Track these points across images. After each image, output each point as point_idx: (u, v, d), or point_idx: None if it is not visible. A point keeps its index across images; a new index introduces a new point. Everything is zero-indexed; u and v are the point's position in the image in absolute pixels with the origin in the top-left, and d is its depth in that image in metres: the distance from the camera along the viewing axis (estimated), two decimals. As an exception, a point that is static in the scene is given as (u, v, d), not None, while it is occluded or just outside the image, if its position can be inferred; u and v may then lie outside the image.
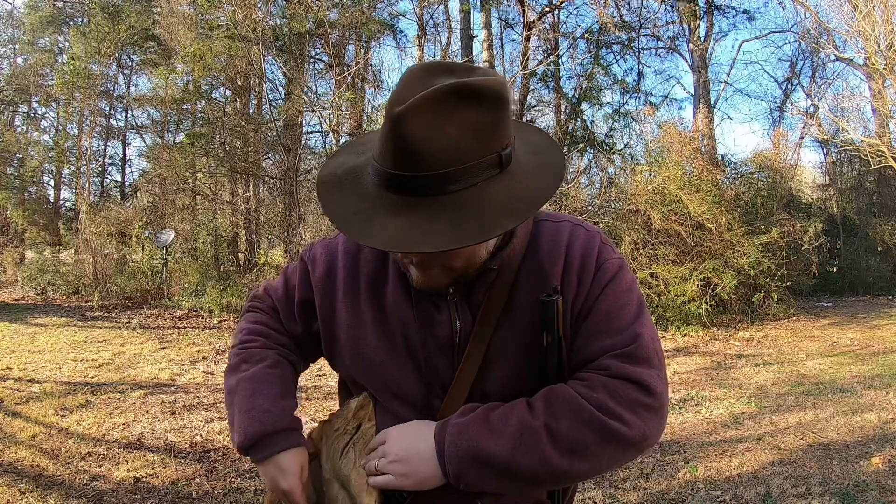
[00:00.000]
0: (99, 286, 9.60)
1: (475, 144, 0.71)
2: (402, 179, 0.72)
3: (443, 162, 0.70)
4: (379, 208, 0.73)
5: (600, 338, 0.83)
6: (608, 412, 0.77)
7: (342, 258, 0.96)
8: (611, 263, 0.88)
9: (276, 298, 1.04)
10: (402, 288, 0.90)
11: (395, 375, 0.90)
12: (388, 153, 0.72)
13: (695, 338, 7.55)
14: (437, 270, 0.82)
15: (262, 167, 11.79)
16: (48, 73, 13.29)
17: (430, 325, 0.88)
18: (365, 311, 0.92)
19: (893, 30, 9.42)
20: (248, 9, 9.18)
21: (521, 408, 0.81)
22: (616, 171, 11.29)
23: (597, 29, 11.41)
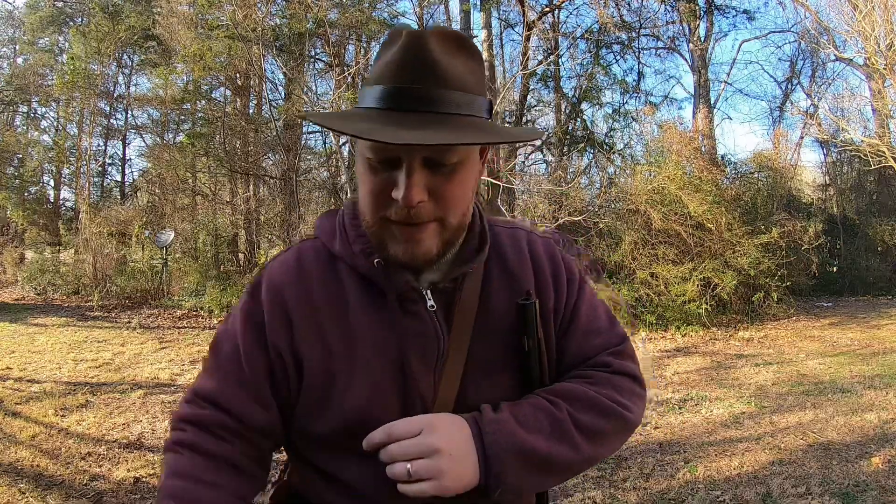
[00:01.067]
0: (99, 286, 9.60)
1: (475, 83, 0.73)
2: (417, 93, 0.69)
3: (455, 82, 0.70)
4: (389, 124, 0.68)
5: (592, 337, 0.88)
6: (617, 403, 0.82)
7: (287, 287, 0.80)
8: (576, 271, 0.91)
9: (222, 397, 0.78)
10: (372, 307, 0.79)
11: (376, 414, 0.76)
12: (406, 69, 0.69)
13: (695, 338, 7.55)
14: (431, 228, 0.74)
15: (262, 167, 11.80)
16: (48, 73, 13.30)
17: (415, 341, 0.79)
18: (331, 342, 0.78)
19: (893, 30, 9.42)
20: (248, 9, 9.18)
21: (544, 403, 0.78)
22: (616, 171, 11.30)
23: (597, 29, 11.41)
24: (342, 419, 0.77)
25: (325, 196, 11.89)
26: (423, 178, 0.71)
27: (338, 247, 0.82)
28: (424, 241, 0.75)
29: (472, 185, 0.78)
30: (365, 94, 0.73)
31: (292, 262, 0.83)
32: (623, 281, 8.23)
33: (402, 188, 0.70)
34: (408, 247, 0.75)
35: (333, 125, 0.71)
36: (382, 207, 0.74)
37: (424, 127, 0.67)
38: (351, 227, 0.82)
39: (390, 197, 0.72)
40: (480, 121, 0.73)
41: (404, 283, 0.79)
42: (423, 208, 0.72)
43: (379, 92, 0.70)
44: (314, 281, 0.81)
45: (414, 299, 0.80)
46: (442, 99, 0.69)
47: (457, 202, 0.75)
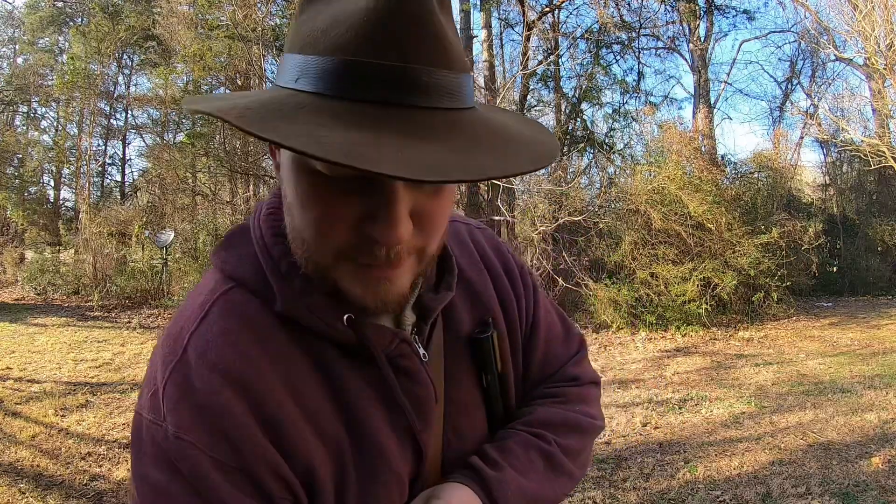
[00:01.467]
0: (99, 286, 9.60)
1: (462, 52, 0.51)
2: (418, 77, 0.44)
3: (461, 61, 0.48)
4: (385, 133, 0.42)
5: (554, 345, 0.81)
6: (590, 416, 0.79)
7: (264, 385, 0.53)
8: (525, 268, 0.82)
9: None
10: (361, 381, 0.59)
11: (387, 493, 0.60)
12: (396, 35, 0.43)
13: (695, 338, 7.55)
14: (409, 263, 0.53)
15: (262, 167, 11.80)
16: (48, 73, 13.31)
17: (421, 411, 0.62)
18: (338, 446, 0.57)
19: (893, 30, 9.42)
20: (248, 9, 9.18)
21: (531, 440, 0.71)
22: (616, 171, 11.30)
23: (597, 29, 11.41)
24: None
25: (325, 196, 11.88)
26: (407, 201, 0.49)
27: (280, 304, 0.56)
28: (398, 279, 0.53)
29: (453, 199, 0.57)
30: (300, 68, 0.47)
31: (235, 333, 0.54)
32: (623, 281, 8.23)
33: (382, 223, 0.48)
34: (378, 290, 0.53)
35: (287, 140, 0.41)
36: (340, 244, 0.51)
37: (435, 138, 0.44)
38: (289, 269, 0.56)
39: (355, 229, 0.50)
40: (481, 115, 0.51)
41: (391, 339, 0.59)
42: (407, 243, 0.51)
43: (341, 68, 0.44)
44: (281, 357, 0.55)
45: (405, 354, 0.61)
46: (444, 86, 0.46)
47: (441, 225, 0.55)
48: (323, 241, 0.51)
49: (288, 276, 0.56)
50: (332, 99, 0.44)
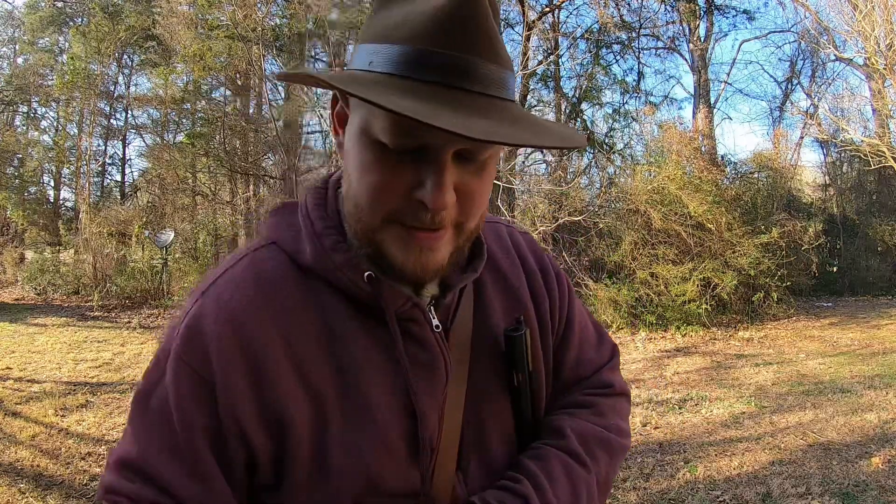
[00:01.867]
0: (99, 286, 9.61)
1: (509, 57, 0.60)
2: (473, 66, 0.53)
3: (505, 58, 0.56)
4: (445, 106, 0.51)
5: (587, 349, 0.82)
6: (622, 433, 0.78)
7: (250, 321, 0.59)
8: (560, 271, 0.83)
9: (149, 466, 0.58)
10: (364, 335, 0.63)
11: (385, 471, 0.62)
12: (458, 32, 0.52)
13: (695, 338, 7.55)
14: (448, 235, 0.60)
15: (262, 167, 11.80)
16: (48, 73, 13.30)
17: (421, 373, 0.64)
18: (320, 391, 0.60)
19: (893, 30, 9.42)
20: (248, 9, 9.19)
21: (572, 465, 0.70)
22: (616, 171, 11.31)
23: (597, 29, 11.42)
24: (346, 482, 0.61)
25: (325, 196, 11.88)
26: (453, 175, 0.57)
27: (309, 257, 0.63)
28: (440, 249, 0.60)
29: (492, 182, 0.64)
30: (374, 54, 0.55)
31: (248, 281, 0.62)
32: (623, 281, 8.24)
33: (431, 188, 0.55)
34: (420, 256, 0.59)
35: (370, 96, 0.49)
36: (392, 207, 0.58)
37: (484, 113, 0.52)
38: (324, 229, 0.63)
39: (406, 196, 0.57)
40: (519, 108, 0.59)
41: (404, 301, 0.63)
42: (448, 212, 0.58)
43: (411, 55, 0.53)
44: (285, 306, 0.61)
45: (417, 320, 0.64)
46: (493, 77, 0.55)
47: (481, 204, 0.62)
48: (375, 205, 0.58)
49: (322, 235, 0.63)
50: (400, 78, 0.53)
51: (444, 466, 0.65)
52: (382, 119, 0.54)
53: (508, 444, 0.73)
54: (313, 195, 0.68)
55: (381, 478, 0.62)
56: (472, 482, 0.68)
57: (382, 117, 0.54)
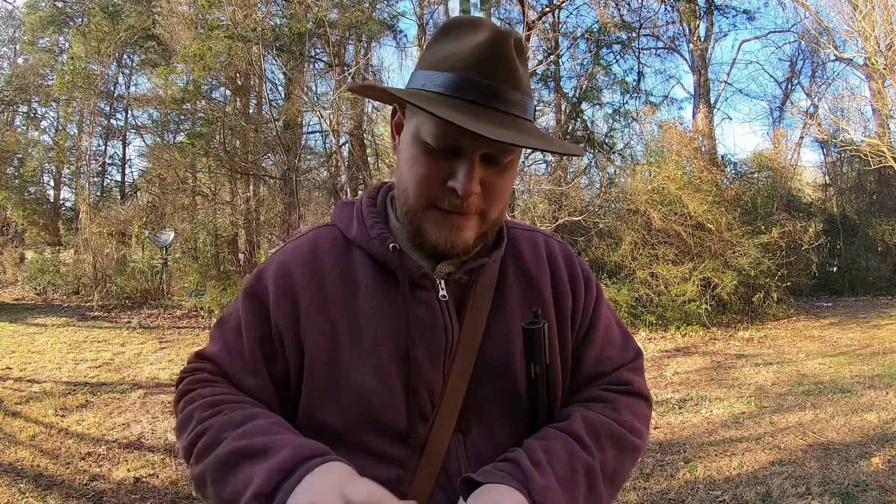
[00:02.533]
0: (99, 286, 9.61)
1: (529, 87, 0.76)
2: (502, 92, 0.71)
3: (527, 88, 0.74)
4: (478, 118, 0.68)
5: (609, 349, 0.87)
6: (636, 433, 0.81)
7: (297, 269, 0.81)
8: (592, 277, 0.91)
9: (221, 359, 0.81)
10: (382, 292, 0.79)
11: (380, 400, 0.75)
12: (490, 65, 0.70)
13: (695, 338, 7.55)
14: (474, 220, 0.76)
15: (262, 167, 11.80)
16: (48, 73, 13.30)
17: (421, 329, 0.78)
18: (338, 325, 0.78)
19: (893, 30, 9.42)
20: (248, 9, 9.18)
21: (575, 448, 0.74)
22: (616, 171, 11.31)
23: (597, 29, 11.42)
24: (348, 402, 0.76)
25: (325, 196, 11.89)
26: (480, 172, 0.73)
27: (354, 232, 0.83)
28: (466, 230, 0.76)
29: (513, 183, 0.80)
30: (429, 79, 0.73)
31: (306, 245, 0.84)
32: (623, 281, 8.23)
33: (462, 179, 0.72)
34: (451, 234, 0.76)
35: (427, 106, 0.67)
36: (431, 193, 0.74)
37: (507, 126, 0.69)
38: (369, 214, 0.84)
39: (443, 185, 0.73)
40: (535, 126, 0.76)
41: (417, 270, 0.79)
42: (474, 200, 0.74)
43: (458, 81, 0.70)
44: (326, 264, 0.81)
45: (426, 287, 0.79)
46: (516, 101, 0.72)
47: (501, 198, 0.77)
48: (420, 192, 0.75)
49: (366, 217, 0.83)
50: (447, 97, 0.70)
51: (442, 424, 0.77)
52: (429, 125, 0.71)
53: (513, 424, 0.79)
54: (368, 194, 0.89)
55: (380, 407, 0.75)
56: (473, 448, 0.78)
57: (429, 123, 0.71)
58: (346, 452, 0.73)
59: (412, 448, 0.76)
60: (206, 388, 0.78)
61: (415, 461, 0.76)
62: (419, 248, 0.79)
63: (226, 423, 0.71)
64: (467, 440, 0.78)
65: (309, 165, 12.16)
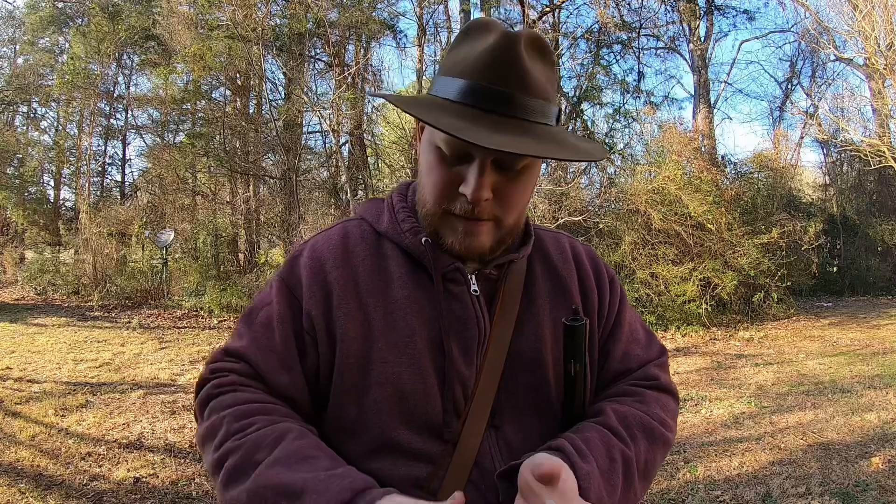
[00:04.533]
0: (99, 286, 9.60)
1: (551, 90, 0.74)
2: (510, 97, 0.69)
3: (540, 92, 0.71)
4: (480, 125, 0.67)
5: (634, 346, 0.89)
6: (666, 426, 0.81)
7: (329, 259, 0.80)
8: (616, 278, 0.93)
9: (253, 356, 0.77)
10: (414, 284, 0.79)
11: (415, 393, 0.74)
12: (498, 70, 0.69)
13: (695, 338, 7.55)
14: (488, 226, 0.76)
15: (262, 167, 11.80)
16: (48, 73, 13.30)
17: (453, 322, 0.77)
18: (371, 315, 0.77)
19: (893, 30, 9.42)
20: (248, 9, 9.18)
21: (610, 437, 0.75)
22: (616, 171, 11.30)
23: (597, 29, 11.42)
24: (382, 394, 0.74)
25: (325, 196, 11.89)
26: (491, 177, 0.72)
27: (385, 225, 0.83)
28: (481, 235, 0.76)
29: (531, 189, 0.79)
30: (443, 84, 0.73)
31: (337, 236, 0.83)
32: (623, 281, 8.20)
33: (471, 185, 0.71)
34: (465, 239, 0.76)
35: (422, 115, 0.67)
36: (446, 198, 0.75)
37: (511, 132, 0.68)
38: (400, 208, 0.84)
39: (456, 190, 0.73)
40: (555, 130, 0.74)
41: (449, 264, 0.79)
42: (486, 206, 0.73)
43: (464, 87, 0.70)
44: (358, 255, 0.81)
45: (458, 281, 0.79)
46: (526, 106, 0.70)
47: (516, 204, 0.77)
48: (435, 196, 0.76)
49: (397, 211, 0.84)
50: (455, 103, 0.70)
51: (475, 419, 0.76)
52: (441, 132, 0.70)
53: (545, 419, 0.79)
54: (398, 190, 0.88)
55: (414, 400, 0.75)
56: (505, 443, 0.77)
57: None
58: (377, 448, 0.75)
59: (444, 443, 0.75)
60: (233, 393, 0.75)
61: (447, 457, 0.74)
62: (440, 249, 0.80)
63: (257, 442, 0.68)
64: (499, 436, 0.77)
65: (309, 165, 12.16)
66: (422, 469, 0.73)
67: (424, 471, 0.73)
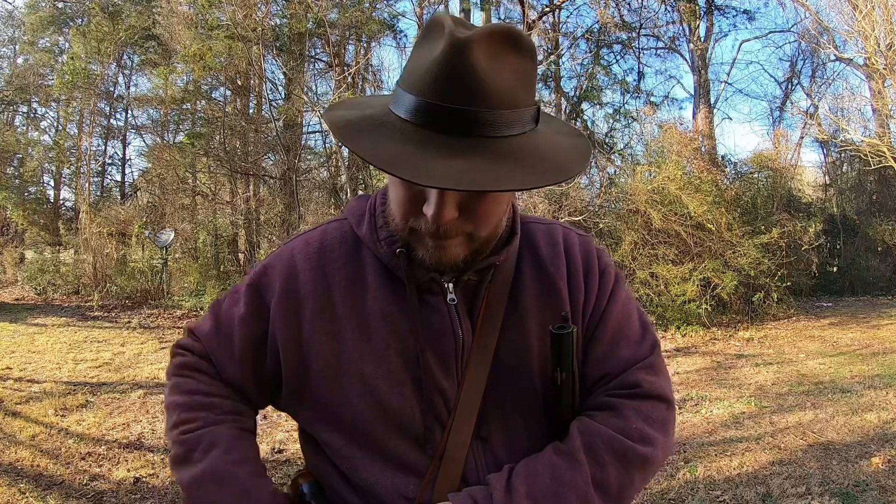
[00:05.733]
0: (99, 286, 9.60)
1: (522, 91, 0.66)
2: (461, 115, 0.61)
3: (503, 101, 0.63)
4: (428, 150, 0.61)
5: (619, 347, 0.81)
6: (646, 441, 0.75)
7: (304, 268, 0.79)
8: (611, 269, 0.86)
9: (208, 342, 0.83)
10: (390, 295, 0.77)
11: (394, 404, 0.74)
12: (446, 84, 0.61)
13: (695, 338, 7.54)
14: (459, 239, 0.71)
15: (262, 167, 11.80)
16: (48, 73, 13.30)
17: (430, 334, 0.75)
18: (345, 327, 0.76)
19: (893, 30, 9.42)
20: (248, 9, 9.18)
21: (564, 466, 0.71)
22: (616, 171, 11.29)
23: (597, 29, 11.42)
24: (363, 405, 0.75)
25: (325, 196, 11.89)
26: (455, 197, 0.67)
27: (364, 231, 0.80)
28: (451, 248, 0.72)
29: (507, 200, 0.75)
30: (400, 99, 0.66)
31: (316, 241, 0.82)
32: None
33: (433, 207, 0.66)
34: (434, 253, 0.72)
35: (358, 148, 0.62)
36: (411, 216, 0.71)
37: (463, 155, 0.61)
38: (380, 213, 0.80)
39: (419, 209, 0.69)
40: (522, 141, 0.66)
41: (425, 274, 0.76)
42: (452, 224, 0.69)
43: (414, 104, 0.63)
44: (335, 262, 0.80)
45: (434, 291, 0.77)
46: (484, 120, 0.62)
47: (488, 219, 0.72)
48: (401, 214, 0.73)
49: (377, 217, 0.80)
50: (405, 122, 0.64)
51: (459, 431, 0.74)
52: None
53: (533, 430, 0.77)
54: (381, 192, 0.85)
55: (394, 410, 0.74)
56: (492, 456, 0.76)
57: None
58: (366, 455, 0.75)
59: (430, 457, 0.74)
60: (189, 378, 0.82)
61: (434, 469, 0.73)
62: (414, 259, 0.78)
63: (194, 443, 0.76)
64: (486, 448, 0.76)
65: (309, 165, 12.16)
66: (410, 481, 0.73)
67: (413, 483, 0.73)
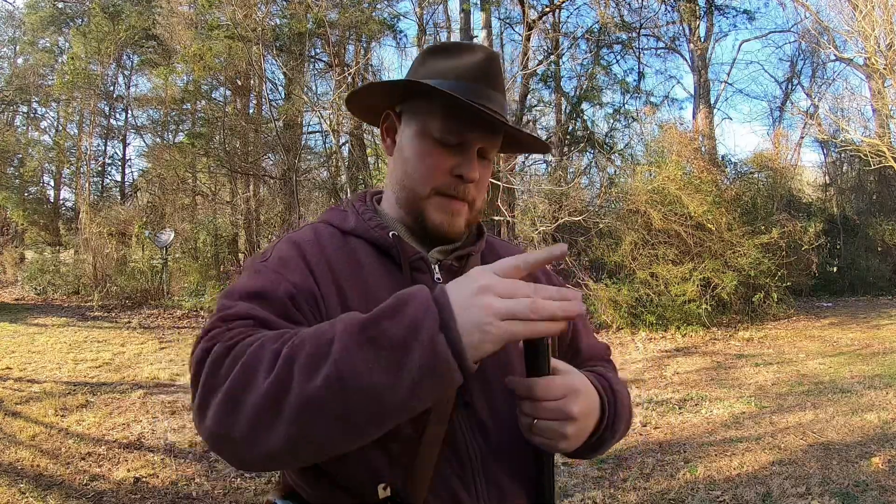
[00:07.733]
0: (99, 286, 9.60)
1: None
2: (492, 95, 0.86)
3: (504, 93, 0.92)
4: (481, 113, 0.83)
5: (589, 336, 1.03)
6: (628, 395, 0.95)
7: (308, 248, 0.84)
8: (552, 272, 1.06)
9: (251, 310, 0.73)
10: (383, 270, 0.85)
11: None
12: (487, 75, 0.86)
13: (695, 338, 7.54)
14: (466, 208, 0.88)
15: (262, 167, 11.80)
16: (48, 73, 13.31)
17: None
18: (350, 297, 0.80)
19: (893, 30, 9.42)
20: (248, 9, 9.18)
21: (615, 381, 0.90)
22: (616, 171, 11.30)
23: (597, 29, 11.42)
24: None
25: (325, 196, 11.89)
26: (476, 161, 0.87)
27: (352, 223, 0.89)
28: (461, 216, 0.88)
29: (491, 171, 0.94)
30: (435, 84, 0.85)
31: (308, 233, 0.89)
32: (623, 281, 8.23)
33: (470, 166, 0.85)
34: (451, 218, 0.87)
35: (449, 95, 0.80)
36: (439, 181, 0.86)
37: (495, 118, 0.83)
38: (363, 210, 0.92)
39: (448, 173, 0.85)
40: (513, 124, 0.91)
41: (414, 253, 0.87)
42: (471, 187, 0.87)
43: (462, 86, 0.84)
44: (329, 247, 0.87)
45: (422, 269, 0.87)
46: (500, 103, 0.87)
47: (485, 189, 0.91)
48: (427, 182, 0.86)
49: (362, 212, 0.91)
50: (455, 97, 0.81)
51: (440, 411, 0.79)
52: (439, 122, 0.84)
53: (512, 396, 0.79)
54: (356, 197, 0.97)
55: None
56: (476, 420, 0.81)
57: (439, 121, 0.84)
58: None
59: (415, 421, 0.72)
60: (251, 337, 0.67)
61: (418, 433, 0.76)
62: (413, 238, 0.89)
63: (317, 334, 0.62)
64: (470, 413, 0.80)
65: (309, 165, 12.17)
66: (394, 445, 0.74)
67: (396, 446, 0.75)
